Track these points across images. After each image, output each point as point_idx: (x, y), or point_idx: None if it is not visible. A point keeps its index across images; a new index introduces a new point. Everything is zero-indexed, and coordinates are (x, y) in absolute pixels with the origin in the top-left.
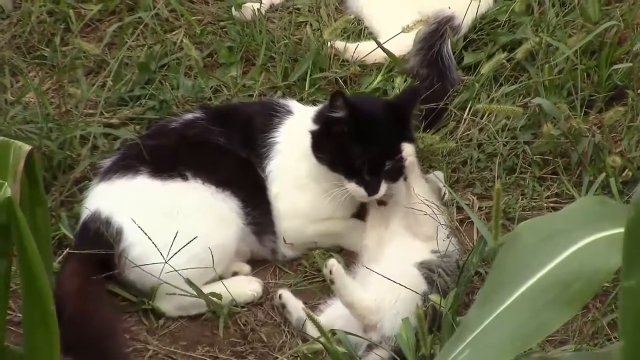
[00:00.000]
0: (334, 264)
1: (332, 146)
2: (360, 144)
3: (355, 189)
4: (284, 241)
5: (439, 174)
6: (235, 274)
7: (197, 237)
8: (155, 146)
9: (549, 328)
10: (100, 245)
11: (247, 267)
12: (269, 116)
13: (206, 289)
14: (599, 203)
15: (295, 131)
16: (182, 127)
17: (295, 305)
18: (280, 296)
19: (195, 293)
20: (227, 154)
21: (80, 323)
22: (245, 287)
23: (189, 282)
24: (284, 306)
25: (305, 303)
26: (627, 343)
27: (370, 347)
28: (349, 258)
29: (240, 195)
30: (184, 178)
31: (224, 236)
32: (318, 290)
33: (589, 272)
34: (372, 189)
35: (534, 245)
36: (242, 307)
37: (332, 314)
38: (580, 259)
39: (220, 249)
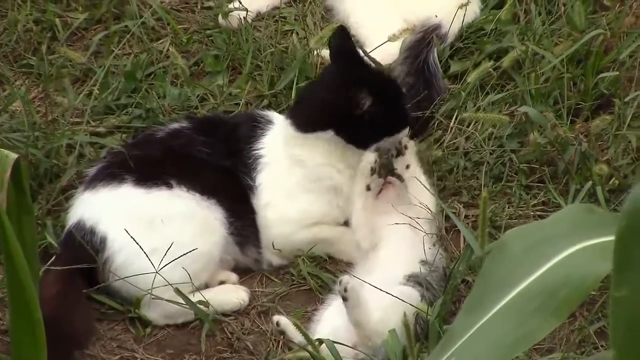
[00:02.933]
0: (349, 281)
1: (368, 126)
2: (397, 112)
3: (404, 134)
4: (273, 247)
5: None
6: (222, 282)
7: (181, 244)
8: (140, 155)
9: (535, 336)
10: (84, 253)
11: (234, 276)
12: (252, 127)
13: (193, 298)
14: (586, 211)
15: (279, 142)
16: (168, 136)
17: (294, 333)
18: (277, 323)
19: (181, 301)
20: (211, 164)
21: (50, 330)
22: (231, 295)
23: (177, 290)
24: (283, 333)
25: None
26: (618, 353)
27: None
28: (337, 267)
29: (224, 204)
30: (169, 186)
31: (208, 244)
32: (305, 298)
33: (575, 280)
34: (410, 121)
35: (521, 253)
36: (229, 315)
37: (322, 330)
38: (567, 267)
39: (205, 257)
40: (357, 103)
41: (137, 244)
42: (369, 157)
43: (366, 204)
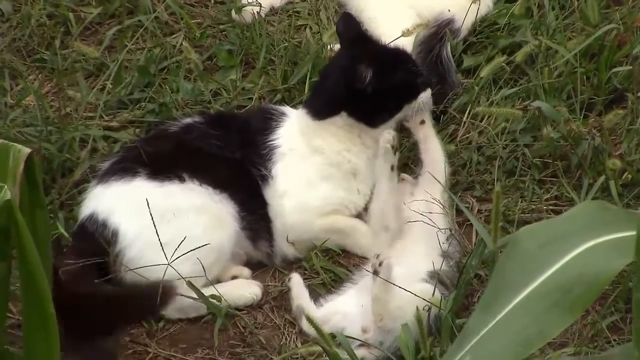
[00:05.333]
0: (386, 257)
1: (379, 100)
2: (406, 78)
3: (425, 97)
4: (287, 240)
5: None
6: (235, 277)
7: (192, 238)
8: (153, 149)
9: (550, 333)
10: (96, 246)
11: (247, 271)
12: (266, 120)
13: (206, 292)
14: (599, 208)
15: (295, 133)
16: (180, 131)
17: (298, 294)
18: (290, 279)
19: (193, 295)
20: (223, 157)
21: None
22: (244, 290)
23: (190, 284)
24: (289, 289)
25: None
26: None
27: (362, 343)
28: (350, 261)
29: (236, 198)
30: (181, 180)
31: (220, 237)
32: (318, 292)
33: (589, 276)
34: (429, 82)
35: (534, 250)
36: (242, 309)
37: (330, 310)
38: (581, 264)
39: (216, 250)
40: (358, 77)
41: (150, 237)
42: (386, 137)
43: (392, 185)
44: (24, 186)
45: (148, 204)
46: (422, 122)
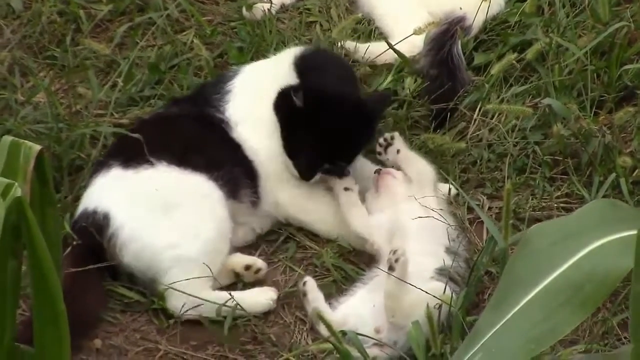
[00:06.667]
0: (403, 254)
1: (288, 119)
2: (315, 139)
3: (290, 168)
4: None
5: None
6: (248, 267)
7: (187, 216)
8: (121, 141)
9: (561, 330)
10: (92, 237)
11: (260, 262)
12: (220, 76)
13: (222, 297)
14: (610, 206)
15: (251, 76)
16: (145, 120)
17: (314, 297)
18: (304, 283)
19: (199, 295)
20: (182, 121)
21: None
22: (261, 297)
23: (199, 285)
24: (305, 294)
25: None
26: (638, 346)
27: (376, 343)
28: (360, 259)
29: (201, 161)
30: (151, 164)
31: (212, 205)
32: (328, 290)
33: (600, 274)
34: (305, 177)
35: (545, 249)
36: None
37: (346, 312)
38: (592, 262)
39: (217, 219)
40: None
41: (150, 223)
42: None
43: (354, 200)
44: (34, 183)
45: (131, 190)
46: (398, 150)
